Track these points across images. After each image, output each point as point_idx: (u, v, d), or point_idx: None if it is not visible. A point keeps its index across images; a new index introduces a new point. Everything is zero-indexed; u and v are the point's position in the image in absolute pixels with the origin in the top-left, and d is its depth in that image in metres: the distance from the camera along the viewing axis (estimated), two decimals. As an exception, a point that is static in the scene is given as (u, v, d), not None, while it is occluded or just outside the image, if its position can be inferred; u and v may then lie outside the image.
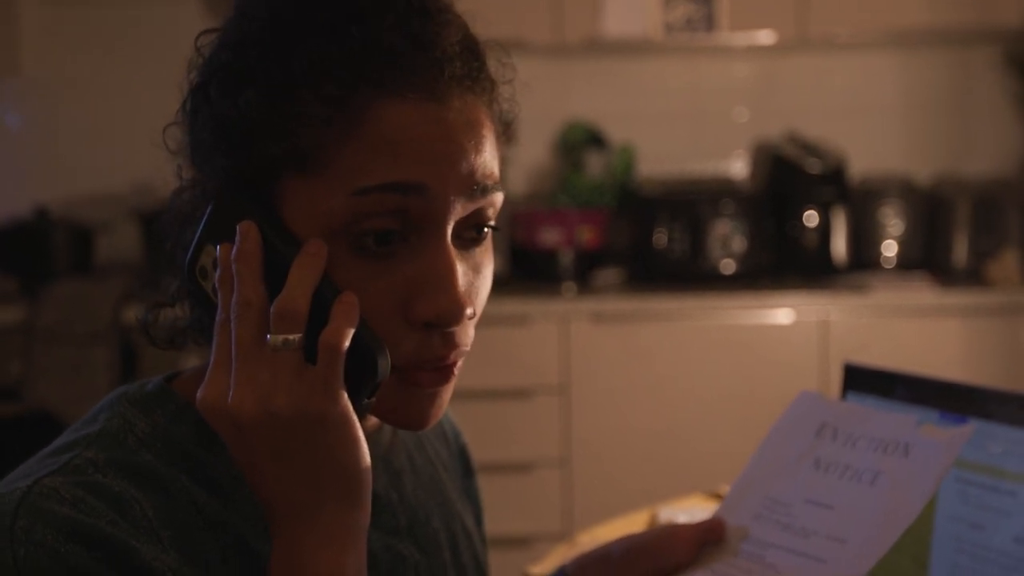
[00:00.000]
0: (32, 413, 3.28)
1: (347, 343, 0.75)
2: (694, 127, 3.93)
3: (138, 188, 3.85)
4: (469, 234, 0.82)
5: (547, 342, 3.34)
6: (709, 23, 3.56)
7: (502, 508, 3.27)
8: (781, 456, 1.01)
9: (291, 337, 0.75)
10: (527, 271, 3.57)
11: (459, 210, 0.79)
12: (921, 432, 0.94)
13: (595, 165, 3.74)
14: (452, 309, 0.78)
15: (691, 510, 1.89)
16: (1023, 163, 3.81)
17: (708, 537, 0.99)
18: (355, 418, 0.77)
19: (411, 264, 0.78)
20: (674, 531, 1.00)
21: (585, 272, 3.58)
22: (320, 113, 0.76)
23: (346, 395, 0.76)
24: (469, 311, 0.79)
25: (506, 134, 0.85)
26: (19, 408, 3.30)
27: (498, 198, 0.82)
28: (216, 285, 0.78)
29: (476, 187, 0.79)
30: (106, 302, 3.31)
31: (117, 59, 3.86)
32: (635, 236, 3.65)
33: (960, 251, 3.57)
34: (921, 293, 3.37)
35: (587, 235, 3.59)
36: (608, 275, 3.59)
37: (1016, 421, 0.99)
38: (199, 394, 0.77)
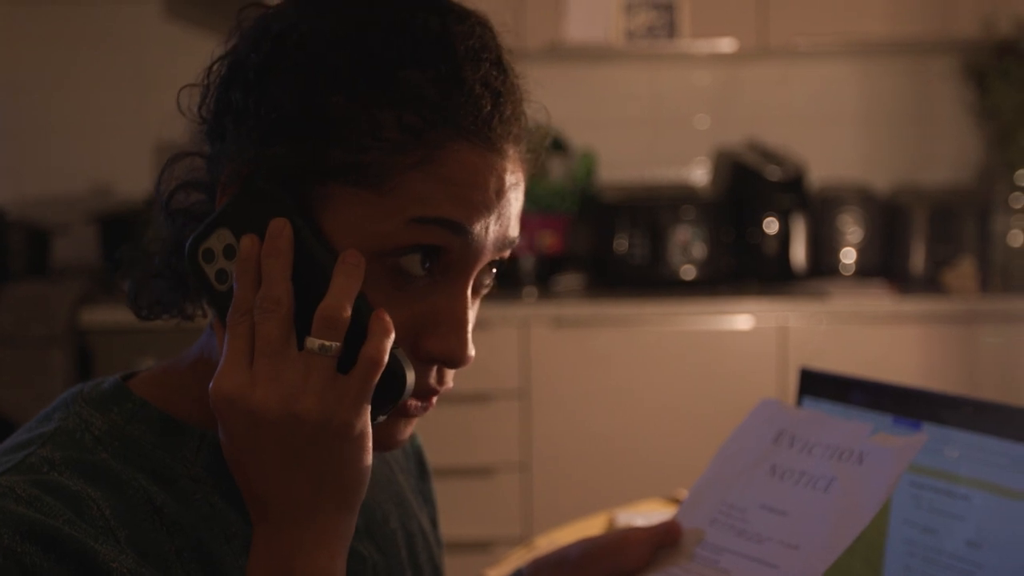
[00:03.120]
0: (-13, 416, 3.25)
1: (386, 359, 0.75)
2: (655, 134, 3.94)
3: (96, 190, 3.83)
4: (481, 281, 0.84)
5: (508, 346, 3.34)
6: (671, 30, 3.57)
7: (462, 512, 3.26)
8: (739, 462, 1.02)
9: (329, 343, 0.75)
10: (488, 276, 3.57)
11: (485, 259, 0.81)
12: (875, 440, 0.94)
13: (556, 171, 3.75)
14: (461, 351, 0.81)
15: (649, 514, 1.89)
16: (980, 172, 3.85)
17: (663, 540, 1.00)
18: (370, 431, 0.77)
19: (430, 300, 0.80)
20: (630, 534, 1.00)
21: (546, 277, 3.59)
22: (396, 138, 0.76)
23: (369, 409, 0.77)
24: (472, 354, 0.81)
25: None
26: (-27, 411, 3.27)
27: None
28: (232, 274, 0.78)
29: (506, 242, 0.82)
30: (63, 305, 3.28)
31: (77, 59, 3.83)
32: (596, 242, 3.66)
33: (918, 259, 3.60)
34: (879, 300, 3.39)
35: (548, 240, 3.60)
36: (569, 280, 3.59)
37: (969, 426, 1.00)
38: (213, 383, 0.76)
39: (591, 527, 1.88)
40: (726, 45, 3.62)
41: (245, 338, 0.76)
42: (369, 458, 0.78)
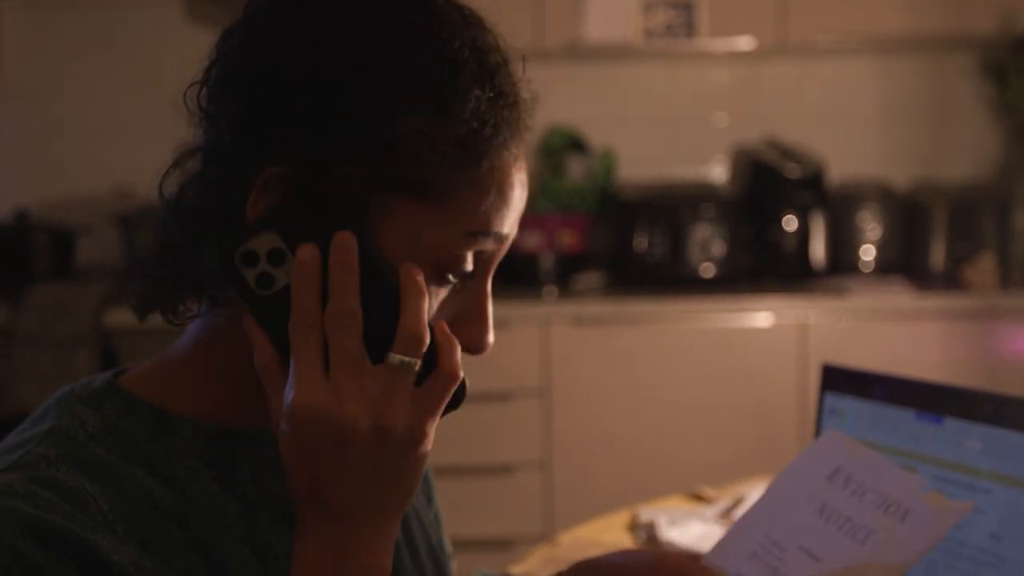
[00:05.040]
0: (12, 417, 3.26)
1: (462, 372, 0.79)
2: (674, 132, 3.95)
3: (119, 191, 3.85)
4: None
5: (528, 345, 3.35)
6: (689, 29, 3.58)
7: (483, 510, 3.27)
8: (792, 494, 0.99)
9: (410, 360, 0.77)
10: (508, 275, 3.57)
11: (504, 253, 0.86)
12: (924, 499, 0.92)
13: (576, 170, 3.76)
14: (486, 340, 0.85)
15: (671, 511, 1.90)
16: (999, 168, 3.84)
17: None
18: None
19: (460, 296, 0.84)
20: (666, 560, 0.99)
21: (566, 276, 3.60)
22: (455, 152, 0.79)
23: None
24: (492, 341, 0.86)
25: None
26: (-1, 412, 3.30)
27: None
28: (279, 280, 0.78)
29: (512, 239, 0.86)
30: (87, 306, 3.30)
31: (99, 62, 3.86)
32: (615, 240, 3.67)
33: (937, 255, 3.60)
34: (899, 296, 3.39)
35: (568, 239, 3.61)
36: (589, 279, 3.60)
37: (991, 420, 1.01)
38: (294, 397, 0.76)
39: (613, 523, 1.89)
40: (745, 43, 3.62)
41: (316, 351, 0.76)
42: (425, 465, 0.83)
